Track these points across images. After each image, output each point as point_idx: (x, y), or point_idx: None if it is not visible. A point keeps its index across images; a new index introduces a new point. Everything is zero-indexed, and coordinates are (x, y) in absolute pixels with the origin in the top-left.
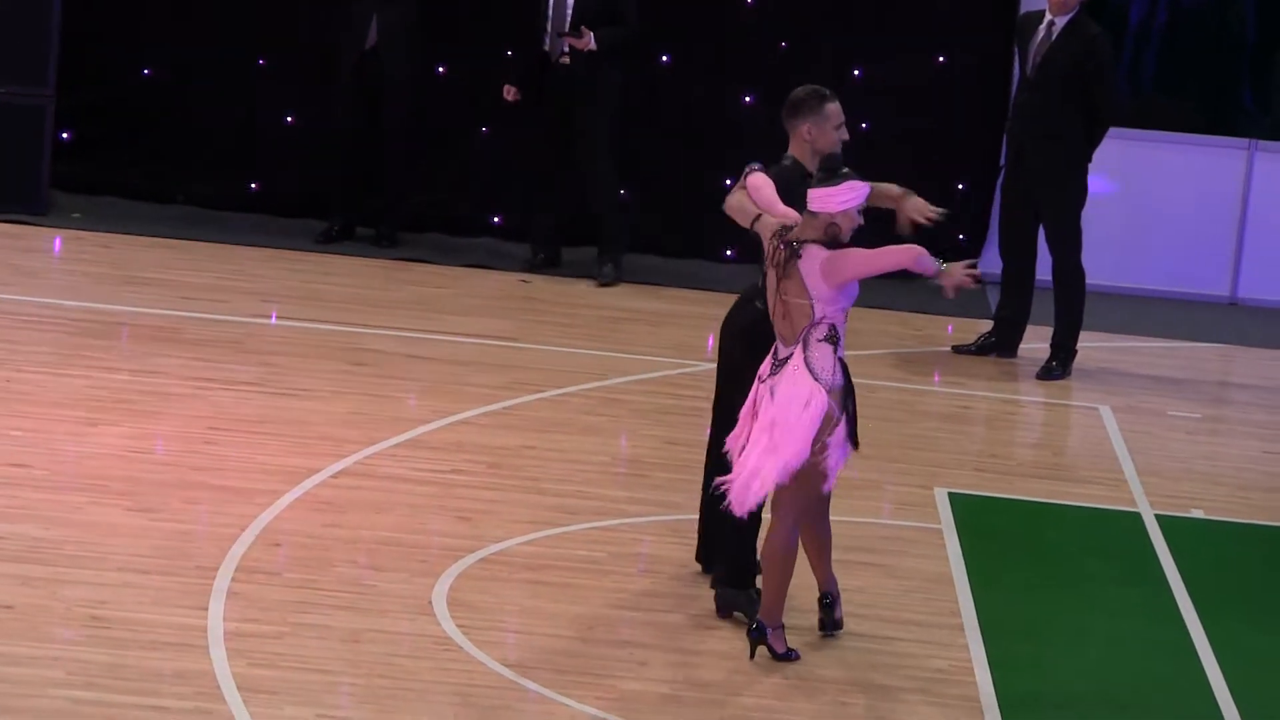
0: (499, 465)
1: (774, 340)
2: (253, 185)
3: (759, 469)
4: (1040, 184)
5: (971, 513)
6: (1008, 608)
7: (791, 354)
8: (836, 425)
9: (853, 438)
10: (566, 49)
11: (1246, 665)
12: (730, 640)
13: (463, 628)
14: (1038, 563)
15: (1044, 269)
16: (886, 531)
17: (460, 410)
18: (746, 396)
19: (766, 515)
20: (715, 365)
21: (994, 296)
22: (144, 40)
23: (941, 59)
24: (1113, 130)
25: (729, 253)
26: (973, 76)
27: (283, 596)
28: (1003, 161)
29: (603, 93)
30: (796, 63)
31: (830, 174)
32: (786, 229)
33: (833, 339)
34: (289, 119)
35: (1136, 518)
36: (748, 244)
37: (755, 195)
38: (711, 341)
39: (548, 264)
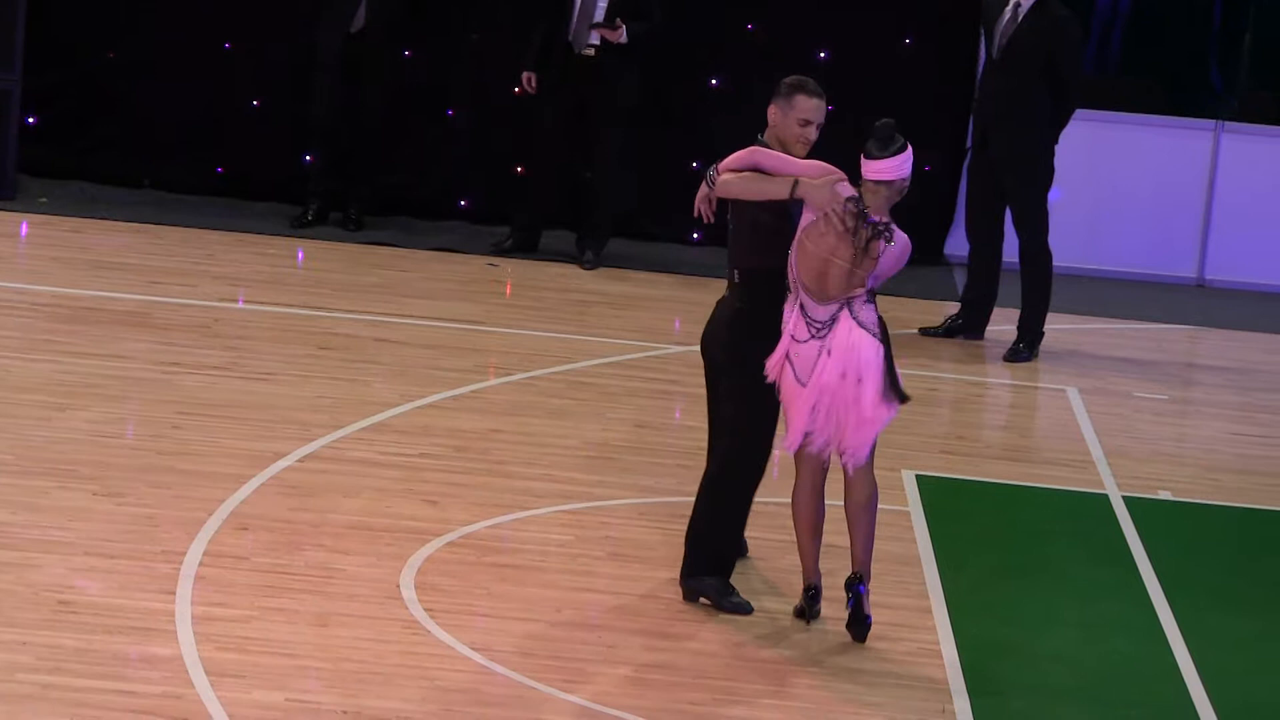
0: (466, 449)
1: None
2: (219, 170)
3: (876, 417)
4: (1007, 166)
5: (939, 495)
6: (976, 590)
7: (836, 314)
8: None
9: (897, 391)
10: (596, 40)
11: (1214, 647)
12: (699, 624)
13: (430, 611)
14: (1005, 545)
15: (1010, 251)
16: None
17: (427, 394)
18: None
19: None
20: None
21: (961, 278)
22: (111, 24)
23: (908, 40)
24: (1079, 112)
25: (695, 235)
26: (938, 59)
27: (250, 580)
28: (969, 144)
29: (623, 88)
30: (764, 45)
31: (889, 141)
32: (858, 200)
33: (872, 296)
34: (255, 103)
35: (1104, 499)
36: (714, 227)
37: (768, 163)
38: (679, 325)
39: (519, 248)
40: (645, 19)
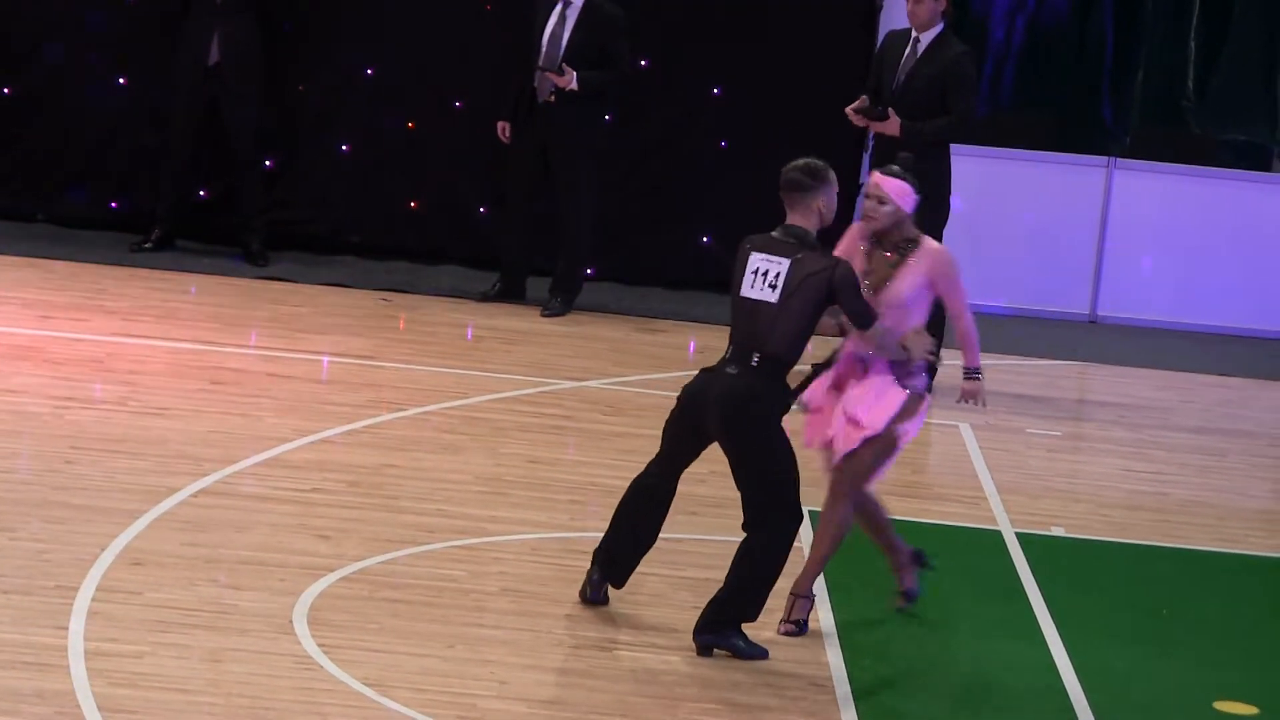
0: (359, 484)
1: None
2: (113, 204)
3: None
4: None
5: None
6: (868, 626)
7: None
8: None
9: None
10: (553, 87)
11: (1107, 682)
12: (592, 660)
13: (323, 646)
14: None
15: None
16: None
17: (320, 429)
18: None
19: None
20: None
21: None
22: (3, 59)
23: (802, 77)
24: (973, 148)
25: (589, 271)
26: (834, 95)
27: (143, 616)
28: (863, 180)
29: (584, 136)
30: (658, 80)
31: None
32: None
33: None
34: (149, 138)
35: (997, 535)
36: (611, 262)
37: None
38: (572, 362)
39: (504, 295)
40: (612, 68)
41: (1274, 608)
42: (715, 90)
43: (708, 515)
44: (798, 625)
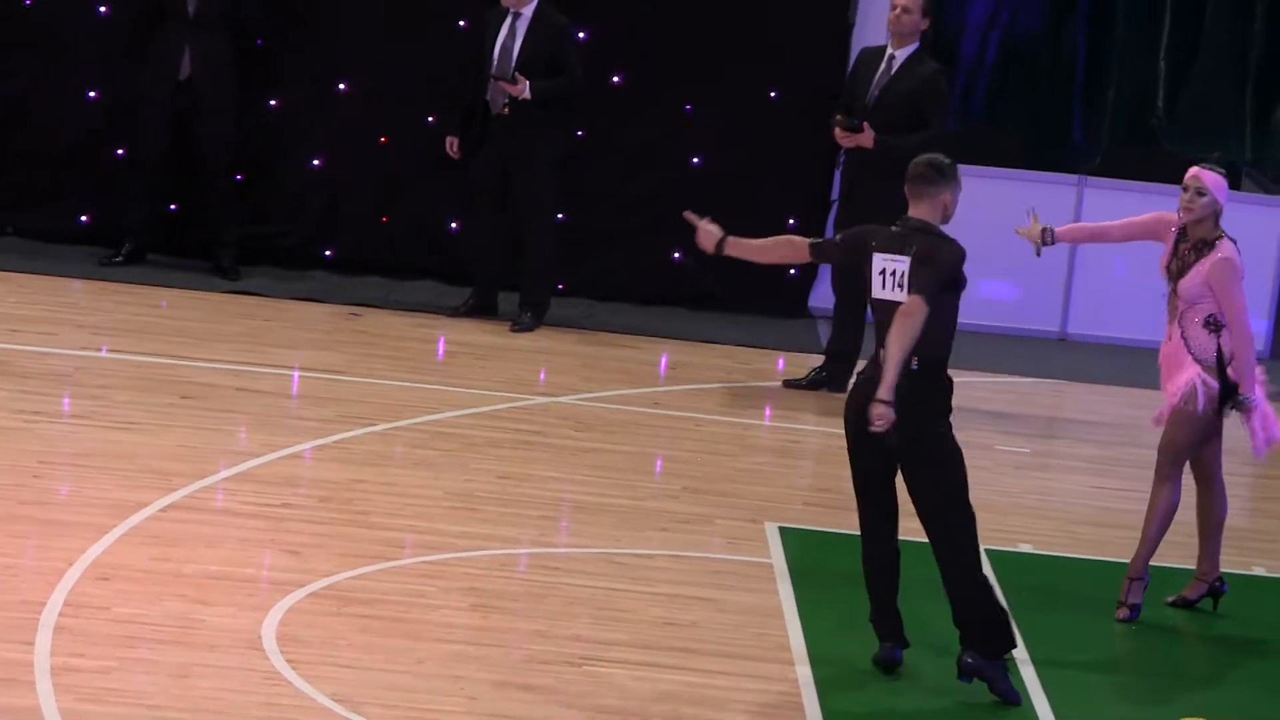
0: (329, 499)
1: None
2: (83, 218)
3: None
4: (873, 219)
5: (801, 547)
6: (837, 641)
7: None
8: None
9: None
10: (506, 99)
11: (1075, 699)
12: (560, 675)
13: (292, 662)
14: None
15: None
16: (717, 565)
17: (290, 444)
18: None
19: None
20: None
21: (825, 331)
22: None
23: (774, 94)
24: None
25: (560, 286)
26: (806, 111)
27: (111, 631)
28: (835, 196)
29: (542, 147)
30: (629, 97)
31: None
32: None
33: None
34: (120, 152)
35: None
36: (583, 277)
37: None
38: (543, 376)
39: (476, 311)
40: (565, 75)
41: (1244, 625)
42: (687, 107)
43: (679, 531)
44: (1131, 610)
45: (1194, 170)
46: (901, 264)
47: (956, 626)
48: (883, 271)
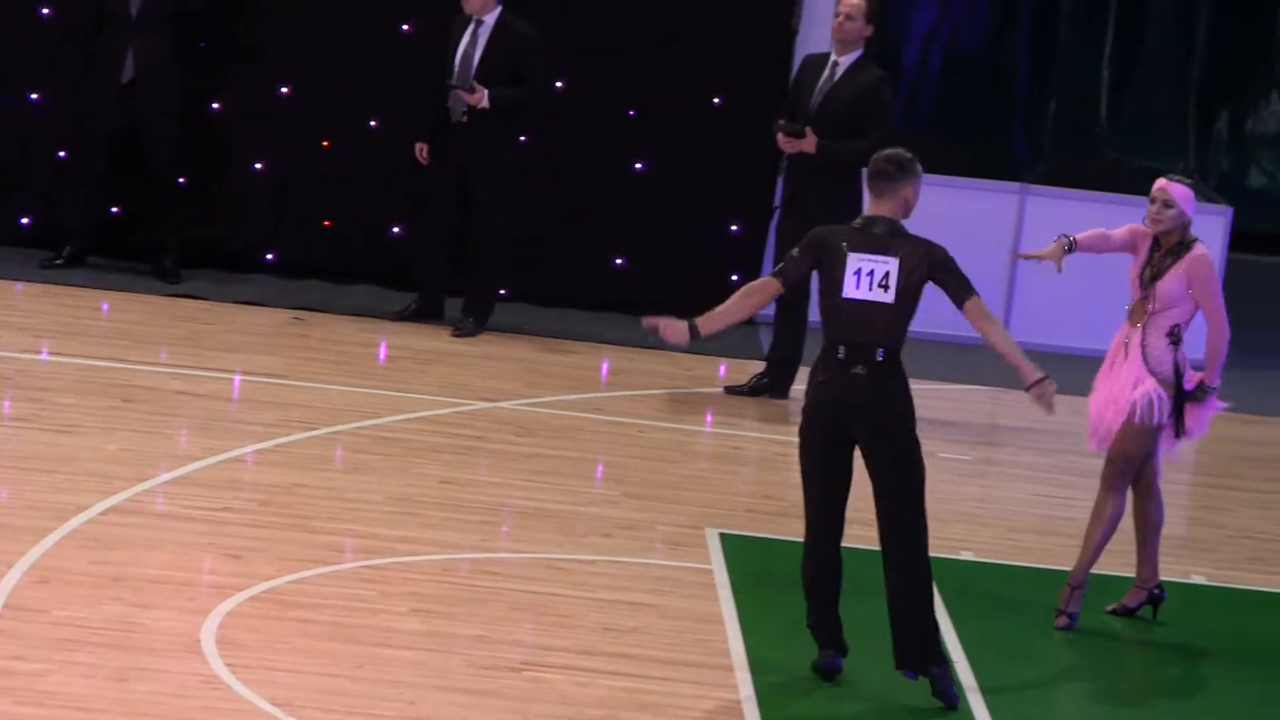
0: (270, 503)
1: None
2: (24, 220)
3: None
4: (815, 224)
5: (742, 553)
6: (778, 648)
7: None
8: None
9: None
10: (465, 106)
11: (1014, 706)
12: (499, 681)
13: (231, 666)
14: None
15: (817, 312)
16: (658, 572)
17: (231, 447)
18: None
19: None
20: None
21: (767, 338)
22: None
23: (717, 100)
24: None
25: (503, 292)
26: (749, 117)
27: (49, 634)
28: (777, 203)
29: (501, 157)
30: (573, 102)
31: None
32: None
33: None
34: (62, 154)
35: None
36: (525, 283)
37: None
38: (483, 382)
39: (421, 315)
40: (526, 86)
41: (1184, 633)
42: (630, 112)
43: (621, 537)
44: (1070, 618)
45: (1161, 182)
46: (887, 265)
47: (894, 630)
48: (859, 271)
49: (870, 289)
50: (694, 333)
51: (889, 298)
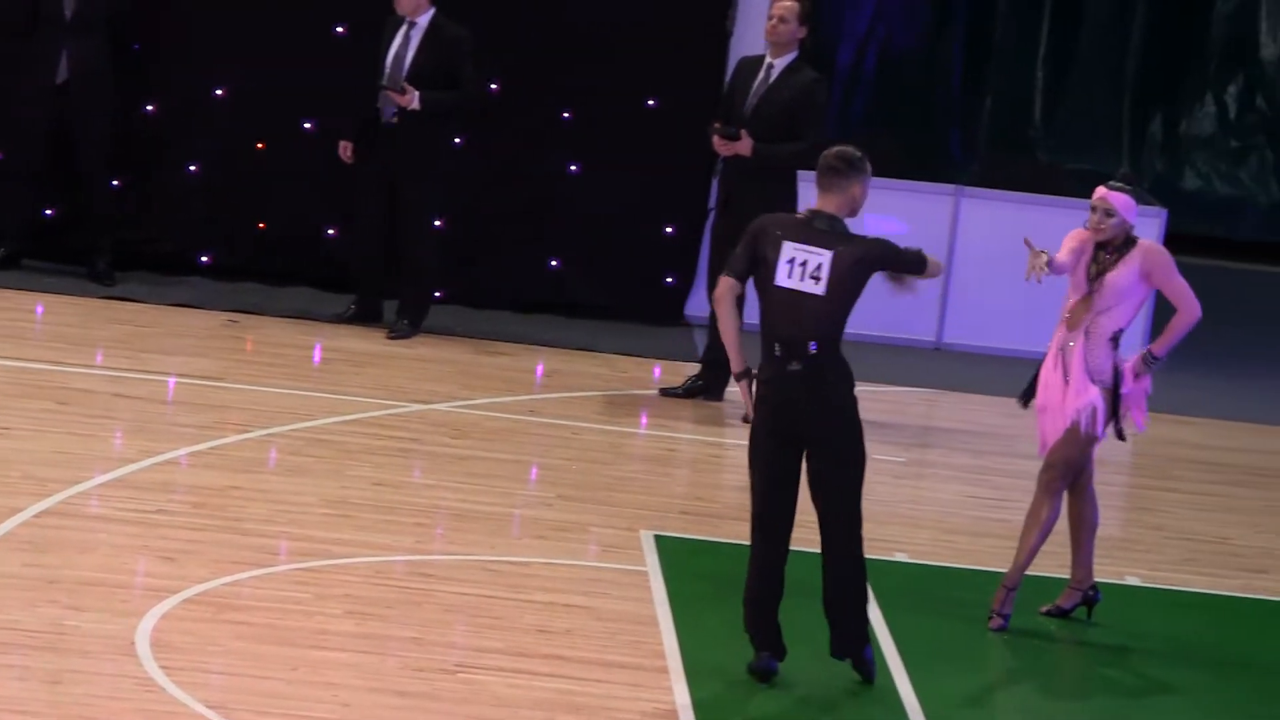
0: (204, 505)
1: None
2: None
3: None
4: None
5: (677, 555)
6: (712, 650)
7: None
8: None
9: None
10: (395, 108)
11: (947, 708)
12: (434, 683)
13: (165, 668)
14: (742, 606)
15: (751, 313)
16: (592, 574)
17: (166, 450)
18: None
19: None
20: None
21: (701, 340)
22: None
23: (652, 102)
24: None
25: (438, 294)
26: (684, 119)
27: None
28: (712, 204)
29: (430, 160)
30: (507, 103)
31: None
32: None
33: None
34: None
35: None
36: (459, 285)
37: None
38: (418, 385)
39: (360, 317)
40: (458, 89)
41: (1118, 634)
42: (565, 114)
43: (555, 539)
44: (1004, 619)
45: (1101, 191)
46: (820, 258)
47: (830, 620)
48: (792, 260)
49: (801, 279)
50: (747, 375)
51: (819, 289)
